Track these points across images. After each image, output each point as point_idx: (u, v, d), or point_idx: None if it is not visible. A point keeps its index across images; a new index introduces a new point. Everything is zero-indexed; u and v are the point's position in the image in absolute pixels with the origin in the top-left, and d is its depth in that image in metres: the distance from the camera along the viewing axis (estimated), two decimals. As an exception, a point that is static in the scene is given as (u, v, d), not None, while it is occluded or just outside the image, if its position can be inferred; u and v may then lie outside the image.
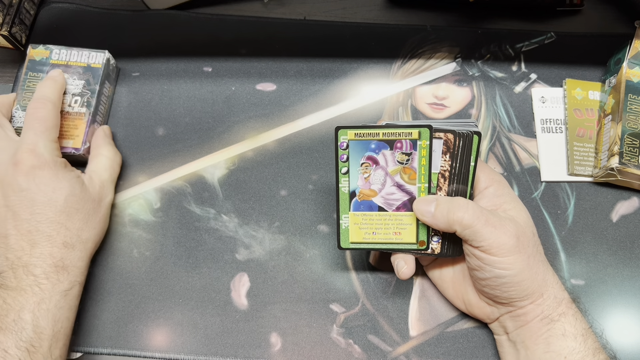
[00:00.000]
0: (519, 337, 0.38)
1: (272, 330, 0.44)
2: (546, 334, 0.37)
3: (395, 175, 0.37)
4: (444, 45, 0.54)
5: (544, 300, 0.37)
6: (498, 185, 0.39)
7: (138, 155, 0.50)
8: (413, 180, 0.37)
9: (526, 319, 0.37)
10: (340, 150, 0.37)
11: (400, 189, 0.38)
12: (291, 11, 0.57)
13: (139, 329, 0.44)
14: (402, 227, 0.39)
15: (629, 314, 0.44)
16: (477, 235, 0.36)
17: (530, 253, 0.37)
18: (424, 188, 0.37)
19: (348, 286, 0.45)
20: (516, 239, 0.36)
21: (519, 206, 0.39)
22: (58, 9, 0.56)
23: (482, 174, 0.39)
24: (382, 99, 0.52)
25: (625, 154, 0.45)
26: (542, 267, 0.37)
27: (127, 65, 0.54)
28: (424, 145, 0.36)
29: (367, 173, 0.38)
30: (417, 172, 0.37)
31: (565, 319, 0.37)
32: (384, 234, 0.39)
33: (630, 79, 0.48)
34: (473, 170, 0.38)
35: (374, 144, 0.37)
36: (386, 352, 0.43)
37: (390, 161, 0.37)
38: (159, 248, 0.47)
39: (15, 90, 0.50)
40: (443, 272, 0.43)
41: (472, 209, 0.36)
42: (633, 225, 0.47)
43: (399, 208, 0.38)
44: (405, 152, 0.36)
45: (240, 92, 0.53)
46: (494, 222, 0.36)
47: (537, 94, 0.52)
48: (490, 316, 0.41)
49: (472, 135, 0.37)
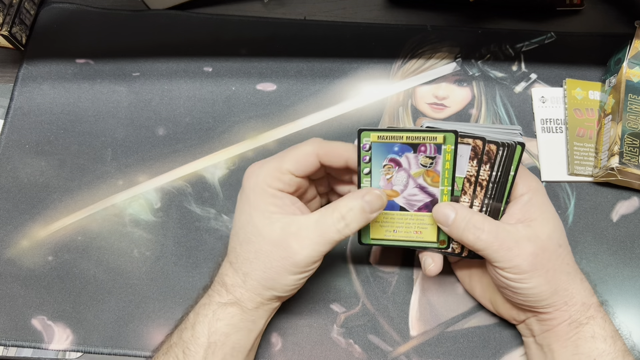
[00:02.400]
0: (546, 340, 0.38)
1: (272, 330, 0.44)
2: (575, 336, 0.36)
3: (418, 177, 0.37)
4: (444, 45, 0.54)
5: (569, 307, 0.37)
6: (533, 194, 0.38)
7: (138, 155, 0.50)
8: (436, 183, 0.37)
9: (552, 324, 0.37)
10: (363, 152, 0.37)
11: (422, 191, 0.38)
12: (291, 11, 0.57)
13: (139, 329, 0.44)
14: (424, 227, 0.39)
15: (629, 314, 0.44)
16: (490, 257, 0.36)
17: (550, 267, 0.36)
18: (447, 191, 0.37)
19: (348, 286, 0.45)
20: (532, 258, 0.35)
21: (547, 217, 0.37)
22: (58, 9, 0.56)
23: (520, 179, 0.38)
24: (382, 99, 0.52)
25: (626, 154, 0.45)
26: (565, 278, 0.37)
27: (127, 65, 0.54)
28: (449, 149, 0.36)
29: (389, 175, 0.37)
30: (440, 175, 0.37)
31: (594, 322, 0.36)
32: (405, 232, 0.39)
33: (630, 78, 0.48)
34: (512, 179, 0.37)
35: (397, 147, 0.36)
36: (386, 352, 0.43)
37: (414, 164, 0.37)
38: (160, 248, 0.47)
39: (15, 89, 0.50)
40: (472, 273, 0.43)
41: (486, 233, 0.35)
42: (633, 225, 0.47)
43: (421, 209, 0.38)
44: (429, 155, 0.36)
45: (241, 92, 0.53)
46: (508, 244, 0.35)
47: (537, 94, 0.52)
48: (516, 318, 0.41)
49: (515, 145, 0.36)
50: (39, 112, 0.52)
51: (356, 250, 0.46)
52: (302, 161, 0.37)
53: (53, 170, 0.50)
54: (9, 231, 0.47)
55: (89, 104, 0.52)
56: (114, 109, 0.52)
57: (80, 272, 0.46)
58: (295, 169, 0.37)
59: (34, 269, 0.46)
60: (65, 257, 0.46)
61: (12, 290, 0.45)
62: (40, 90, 0.53)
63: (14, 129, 0.51)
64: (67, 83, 0.53)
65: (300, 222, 0.36)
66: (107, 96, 0.52)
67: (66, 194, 0.49)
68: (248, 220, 0.37)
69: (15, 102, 0.52)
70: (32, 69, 0.53)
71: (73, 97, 0.52)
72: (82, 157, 0.50)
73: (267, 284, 0.36)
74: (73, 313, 0.45)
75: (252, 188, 0.37)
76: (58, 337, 0.44)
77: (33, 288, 0.45)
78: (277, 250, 0.35)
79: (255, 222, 0.36)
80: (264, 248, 0.36)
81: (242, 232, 0.37)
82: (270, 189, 0.37)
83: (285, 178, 0.37)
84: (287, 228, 0.36)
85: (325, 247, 0.35)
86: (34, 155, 0.50)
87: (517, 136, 0.37)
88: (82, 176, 0.49)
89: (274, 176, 0.37)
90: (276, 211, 0.36)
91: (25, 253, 0.47)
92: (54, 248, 0.47)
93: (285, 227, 0.36)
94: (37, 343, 0.44)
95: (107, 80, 0.53)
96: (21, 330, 0.44)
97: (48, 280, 0.46)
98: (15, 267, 0.46)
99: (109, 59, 0.54)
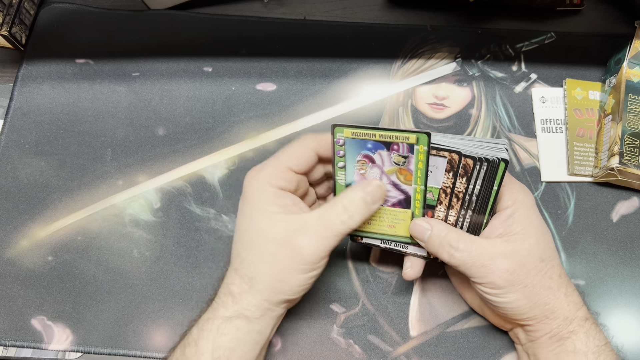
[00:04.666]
0: (531, 350, 0.38)
1: (272, 330, 0.44)
2: (557, 349, 0.36)
3: (391, 174, 0.37)
4: (444, 45, 0.54)
5: (550, 321, 0.36)
6: (517, 207, 0.37)
7: (138, 155, 0.50)
8: (409, 181, 0.37)
9: (535, 335, 0.37)
10: (337, 146, 0.37)
11: (396, 188, 0.38)
12: (291, 11, 0.57)
13: (139, 329, 0.44)
14: (397, 222, 0.39)
15: (630, 314, 0.44)
16: (466, 273, 0.36)
17: (529, 283, 0.36)
18: (419, 190, 0.37)
19: (348, 286, 0.45)
20: (508, 275, 0.35)
21: (528, 231, 0.37)
22: (58, 9, 0.56)
23: (507, 192, 0.38)
24: (382, 99, 0.52)
25: (626, 154, 0.45)
26: (546, 293, 0.36)
27: (127, 65, 0.53)
28: (422, 150, 0.36)
29: (363, 170, 0.38)
30: (413, 174, 0.37)
31: (575, 337, 0.36)
32: (378, 226, 0.39)
33: (630, 79, 0.48)
34: (495, 194, 0.37)
35: (371, 144, 0.37)
36: (386, 352, 0.43)
37: (387, 161, 0.37)
38: (159, 248, 0.47)
39: (15, 89, 0.50)
40: (462, 280, 0.43)
41: (460, 252, 0.36)
42: (633, 225, 0.47)
43: (395, 204, 0.38)
44: (402, 154, 0.36)
45: (241, 92, 0.53)
46: (482, 261, 0.35)
47: (537, 94, 0.52)
48: (504, 326, 0.41)
49: (499, 161, 0.35)
50: (39, 112, 0.52)
51: (356, 250, 0.46)
52: (300, 156, 0.37)
53: (53, 170, 0.50)
54: (8, 231, 0.47)
55: (89, 104, 0.52)
56: (113, 109, 0.52)
57: (80, 272, 0.46)
58: (294, 164, 0.37)
59: (34, 269, 0.46)
60: (65, 257, 0.46)
61: (11, 291, 0.45)
62: (40, 90, 0.53)
63: (13, 129, 0.51)
64: (67, 83, 0.53)
65: (304, 218, 0.35)
66: (107, 96, 0.52)
67: (66, 194, 0.49)
68: (250, 223, 0.36)
69: (15, 102, 0.52)
70: (32, 69, 0.53)
71: (73, 97, 0.52)
72: (82, 157, 0.50)
73: (277, 287, 0.36)
74: (73, 313, 0.45)
75: (253, 190, 0.37)
76: (58, 337, 0.44)
77: (33, 288, 0.45)
78: (283, 250, 0.35)
79: (257, 223, 0.36)
80: (269, 249, 0.35)
81: (245, 236, 0.37)
82: (272, 188, 0.36)
83: (285, 175, 0.37)
84: (291, 226, 0.35)
85: (331, 240, 0.35)
86: (33, 155, 0.50)
87: (502, 151, 0.36)
88: (82, 176, 0.49)
89: (273, 175, 0.37)
90: (278, 211, 0.36)
91: (25, 253, 0.47)
92: (54, 248, 0.47)
93: (288, 226, 0.35)
94: (37, 343, 0.44)
95: (106, 80, 0.53)
96: (21, 331, 0.44)
97: (48, 281, 0.46)
98: (15, 267, 0.46)
99: (109, 59, 0.54)
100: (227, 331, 0.35)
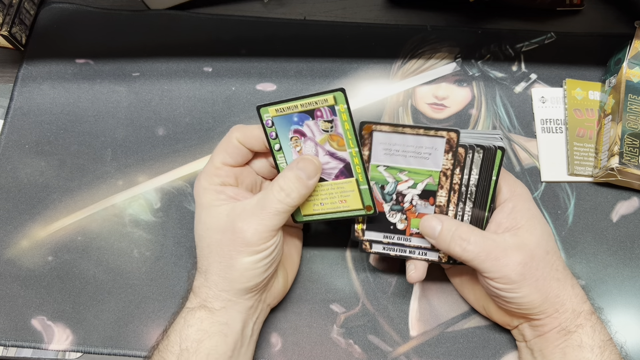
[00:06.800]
0: (537, 346, 0.38)
1: (272, 330, 0.44)
2: (563, 344, 0.36)
3: (324, 144, 0.37)
4: (444, 45, 0.54)
5: (559, 314, 0.36)
6: (517, 199, 0.38)
7: (138, 155, 0.50)
8: (342, 147, 0.37)
9: (543, 330, 0.37)
10: (268, 128, 0.37)
11: (333, 157, 0.37)
12: (291, 11, 0.57)
13: (139, 329, 0.44)
14: (346, 195, 0.38)
15: (630, 314, 0.44)
16: (478, 268, 0.36)
17: (540, 276, 0.36)
18: (355, 153, 0.37)
19: (348, 286, 0.45)
20: (521, 267, 0.35)
21: (533, 223, 0.37)
22: (58, 9, 0.56)
23: (504, 185, 0.38)
24: (382, 99, 0.52)
25: (626, 154, 0.45)
26: (556, 285, 0.36)
27: (127, 65, 0.54)
28: (342, 109, 0.36)
29: (298, 146, 0.38)
30: (344, 137, 0.37)
31: (582, 331, 0.36)
32: (331, 204, 0.39)
33: (630, 79, 0.48)
34: (494, 184, 0.37)
35: (296, 117, 0.37)
36: (386, 352, 0.43)
37: (316, 131, 0.37)
38: (159, 248, 0.47)
39: (15, 89, 0.50)
40: (463, 281, 0.43)
41: (473, 244, 0.36)
42: (633, 225, 0.47)
43: (338, 176, 0.38)
44: (327, 119, 0.36)
45: (241, 92, 0.53)
46: (496, 254, 0.35)
47: (537, 94, 0.52)
48: (509, 324, 0.41)
49: (495, 149, 0.36)
50: (39, 112, 0.52)
51: (356, 250, 0.46)
52: (231, 151, 0.38)
53: (53, 170, 0.50)
54: (8, 231, 0.47)
55: (89, 104, 0.52)
56: (113, 109, 0.52)
57: (80, 272, 0.46)
58: (226, 159, 0.38)
59: (34, 269, 0.46)
60: (65, 257, 0.46)
61: (12, 291, 0.45)
62: (40, 90, 0.53)
63: (13, 129, 0.51)
64: (67, 83, 0.53)
65: (244, 204, 0.37)
66: (107, 96, 0.52)
67: (66, 194, 0.49)
68: (198, 221, 0.38)
69: (15, 102, 0.52)
70: (32, 69, 0.53)
71: (73, 97, 0.52)
72: (82, 157, 0.50)
73: (227, 275, 0.36)
74: (73, 313, 0.45)
75: (197, 193, 0.38)
76: (58, 338, 0.44)
77: (33, 288, 0.45)
78: (226, 235, 0.36)
79: (203, 219, 0.37)
80: (214, 237, 0.36)
81: (196, 235, 0.38)
82: (212, 186, 0.38)
83: (222, 172, 0.38)
84: (232, 212, 0.36)
85: (271, 220, 0.36)
86: (33, 155, 0.50)
87: (497, 140, 0.36)
88: (82, 176, 0.49)
89: (211, 174, 0.38)
90: (221, 204, 0.37)
91: (25, 253, 0.47)
92: (54, 248, 0.47)
93: (230, 213, 0.36)
94: (37, 343, 0.44)
95: (107, 81, 0.53)
96: (21, 331, 0.44)
97: (48, 281, 0.46)
98: (15, 267, 0.46)
99: (109, 59, 0.54)
100: (192, 322, 0.36)
